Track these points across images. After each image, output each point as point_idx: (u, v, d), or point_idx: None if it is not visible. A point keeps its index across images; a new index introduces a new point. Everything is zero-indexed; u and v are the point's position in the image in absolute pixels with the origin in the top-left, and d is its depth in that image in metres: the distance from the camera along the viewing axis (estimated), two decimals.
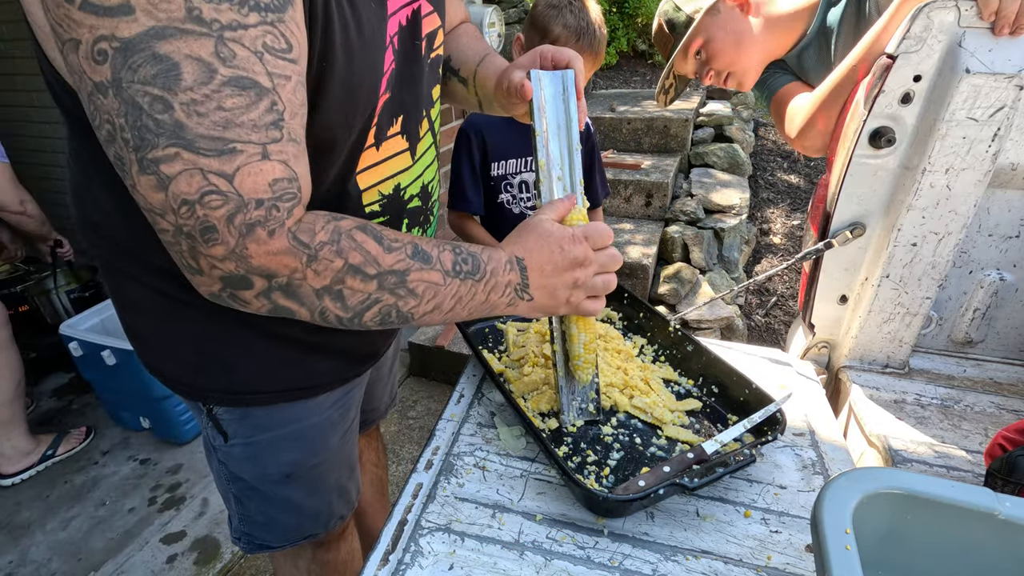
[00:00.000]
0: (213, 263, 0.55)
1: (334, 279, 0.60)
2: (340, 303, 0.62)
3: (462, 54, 0.96)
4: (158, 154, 0.50)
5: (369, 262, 0.61)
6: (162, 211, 0.52)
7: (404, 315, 0.66)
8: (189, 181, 0.51)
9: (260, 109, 0.52)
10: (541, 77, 0.80)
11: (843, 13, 1.11)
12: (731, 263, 3.35)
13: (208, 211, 0.52)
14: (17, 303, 2.49)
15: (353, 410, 0.99)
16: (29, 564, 1.82)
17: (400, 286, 0.63)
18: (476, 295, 0.69)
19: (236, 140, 0.51)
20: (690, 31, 1.23)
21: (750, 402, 0.89)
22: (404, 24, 0.73)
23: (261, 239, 0.54)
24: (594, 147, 1.64)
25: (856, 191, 1.05)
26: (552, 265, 0.73)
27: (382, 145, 0.75)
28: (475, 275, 0.68)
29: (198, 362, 0.80)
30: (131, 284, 0.77)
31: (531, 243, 0.74)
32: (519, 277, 0.72)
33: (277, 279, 0.58)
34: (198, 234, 0.53)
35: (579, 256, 0.74)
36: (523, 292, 0.73)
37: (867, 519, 0.53)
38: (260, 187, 0.53)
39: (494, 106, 0.92)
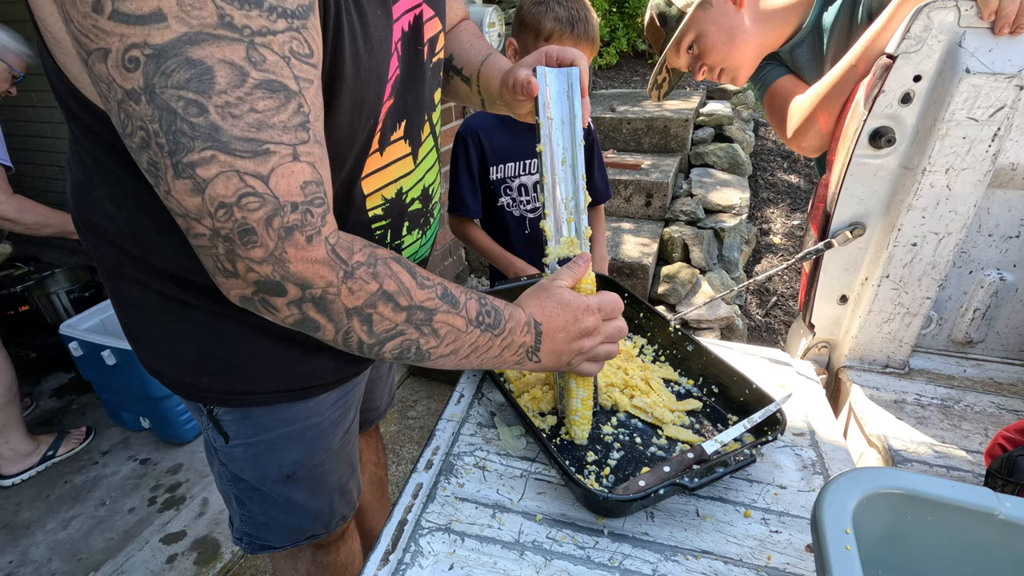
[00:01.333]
0: (250, 266, 0.55)
1: (367, 302, 0.61)
2: (367, 328, 0.62)
3: (465, 53, 0.96)
4: (194, 157, 0.50)
5: (402, 293, 0.63)
6: (198, 216, 0.52)
7: (422, 353, 0.67)
8: (226, 184, 0.51)
9: (289, 111, 0.53)
10: (547, 74, 0.82)
11: (837, 14, 1.11)
12: (731, 263, 3.35)
13: (246, 213, 0.52)
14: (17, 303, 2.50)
15: (353, 409, 0.99)
16: (29, 564, 1.82)
17: (426, 324, 0.65)
18: (491, 349, 0.71)
19: (269, 141, 0.52)
20: (682, 25, 1.21)
21: (750, 402, 0.89)
22: (407, 30, 0.74)
23: (300, 244, 0.55)
24: (594, 144, 1.63)
25: (856, 191, 1.05)
26: (565, 333, 0.76)
27: (386, 150, 0.76)
28: (495, 329, 0.71)
29: (198, 362, 0.80)
30: (131, 286, 0.77)
31: (549, 309, 0.76)
32: (533, 340, 0.75)
33: (312, 290, 0.58)
34: (237, 236, 0.53)
35: (590, 327, 0.78)
36: (533, 355, 0.76)
37: (867, 519, 0.53)
38: (293, 190, 0.54)
39: (497, 105, 0.93)
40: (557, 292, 0.79)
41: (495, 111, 0.98)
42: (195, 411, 0.88)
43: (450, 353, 0.69)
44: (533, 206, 1.58)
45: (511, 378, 1.00)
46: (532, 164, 1.54)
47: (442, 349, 0.68)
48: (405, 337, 0.65)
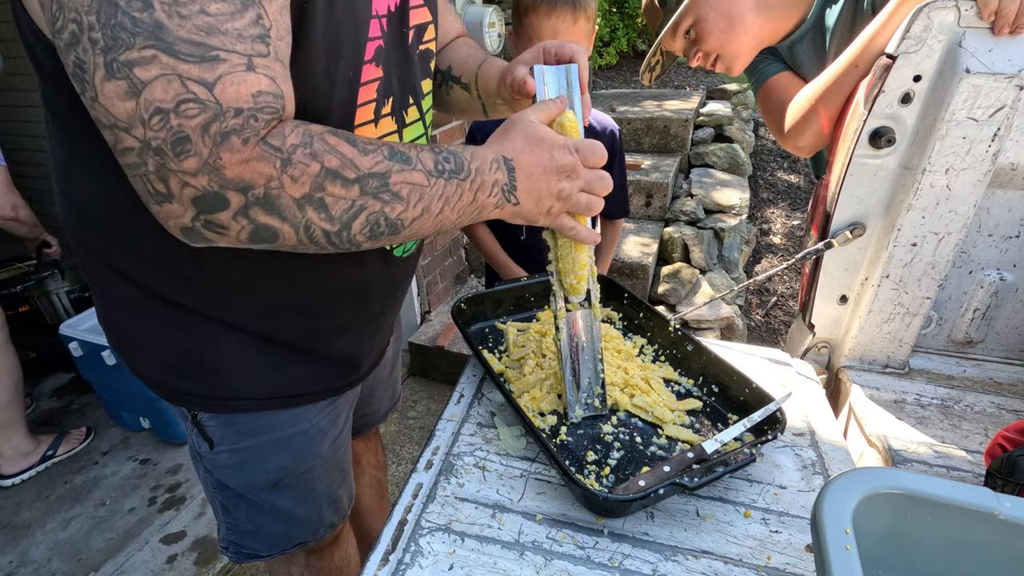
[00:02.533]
0: (185, 180, 0.50)
1: (313, 185, 0.55)
2: (324, 213, 0.57)
3: (462, 61, 0.96)
4: (133, 55, 0.45)
5: (347, 165, 0.57)
6: (128, 124, 0.48)
7: (394, 223, 0.61)
8: (166, 87, 0.46)
9: (246, 19, 0.49)
10: (544, 72, 0.80)
11: (840, 12, 1.10)
12: (731, 263, 3.35)
13: (183, 120, 0.47)
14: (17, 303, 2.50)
15: (344, 416, 0.97)
16: (29, 564, 1.82)
17: (383, 190, 0.59)
18: (463, 195, 0.65)
19: (219, 48, 0.48)
20: (681, 8, 1.18)
21: (750, 401, 0.89)
22: (393, 10, 0.73)
23: (235, 147, 0.50)
24: (617, 155, 1.54)
25: (856, 191, 1.05)
26: (541, 168, 0.70)
27: (379, 123, 0.75)
28: (459, 174, 0.65)
29: (181, 367, 0.79)
30: (115, 280, 0.75)
31: (519, 143, 0.70)
32: (506, 177, 0.68)
33: (254, 191, 0.53)
34: (169, 147, 0.48)
35: (568, 165, 0.71)
36: (510, 194, 0.69)
37: (867, 519, 0.53)
38: (242, 97, 0.50)
39: (497, 105, 0.92)
40: (528, 125, 0.72)
41: (496, 115, 0.96)
42: (181, 416, 0.87)
43: (422, 213, 0.63)
44: None
45: (511, 378, 1.00)
46: None
47: (411, 211, 0.62)
48: (368, 211, 0.59)
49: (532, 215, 0.73)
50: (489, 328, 1.16)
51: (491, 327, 1.16)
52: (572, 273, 0.84)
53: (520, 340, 1.08)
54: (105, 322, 0.82)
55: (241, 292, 0.75)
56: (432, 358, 2.74)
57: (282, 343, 0.80)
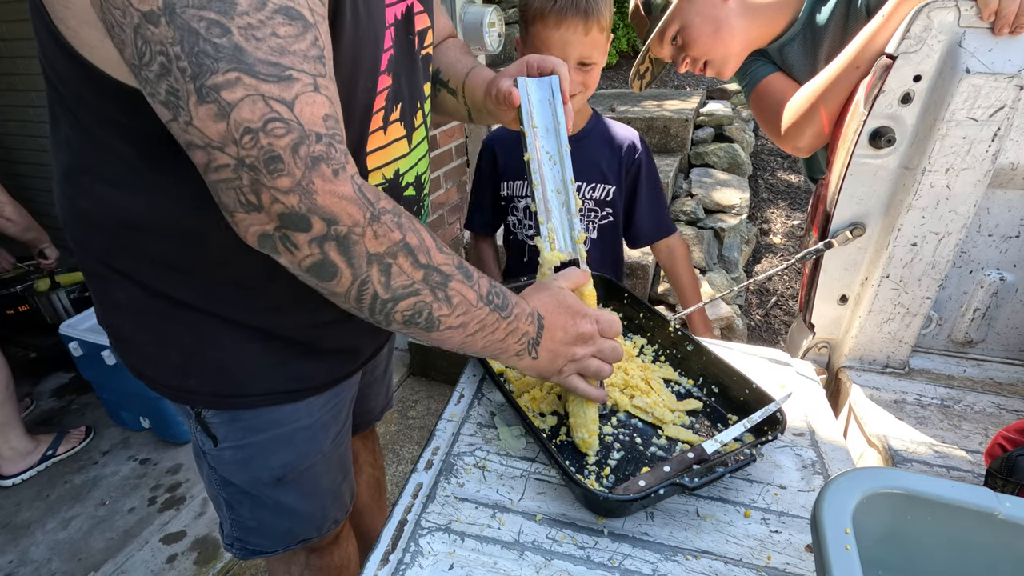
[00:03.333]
0: (276, 196, 0.53)
1: (388, 250, 0.59)
2: (385, 279, 0.60)
3: (451, 66, 0.98)
4: (218, 80, 0.48)
5: (423, 250, 0.61)
6: (222, 143, 0.51)
7: (432, 320, 0.65)
8: (252, 108, 0.50)
9: (307, 41, 0.52)
10: (528, 84, 0.83)
11: (832, 12, 1.09)
12: (731, 263, 3.35)
13: (272, 139, 0.50)
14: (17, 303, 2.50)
15: (345, 412, 0.98)
16: (29, 564, 1.82)
17: (441, 288, 0.63)
18: (497, 331, 0.70)
19: (292, 68, 0.51)
20: (666, 15, 1.18)
21: (750, 402, 0.88)
22: (399, 18, 0.75)
23: (326, 176, 0.53)
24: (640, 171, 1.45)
25: (856, 191, 1.05)
26: (563, 332, 0.76)
27: (388, 129, 0.77)
28: (503, 311, 0.70)
29: (185, 365, 0.79)
30: (116, 281, 0.75)
31: (551, 306, 0.77)
32: (535, 332, 0.74)
33: (337, 227, 0.56)
34: (262, 165, 0.51)
35: (587, 333, 0.77)
36: (533, 348, 0.75)
37: (867, 519, 0.53)
38: (316, 119, 0.53)
39: (483, 114, 0.94)
40: (559, 292, 0.79)
41: (482, 123, 0.98)
42: (183, 413, 0.87)
43: (459, 326, 0.66)
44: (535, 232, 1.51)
45: (511, 378, 1.00)
46: None
47: (452, 320, 0.65)
48: (419, 298, 0.62)
49: (545, 372, 0.79)
50: None
51: None
52: (583, 428, 0.85)
53: None
54: (106, 323, 0.83)
55: (247, 291, 0.75)
56: (432, 358, 2.74)
57: (286, 339, 0.81)
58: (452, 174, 2.97)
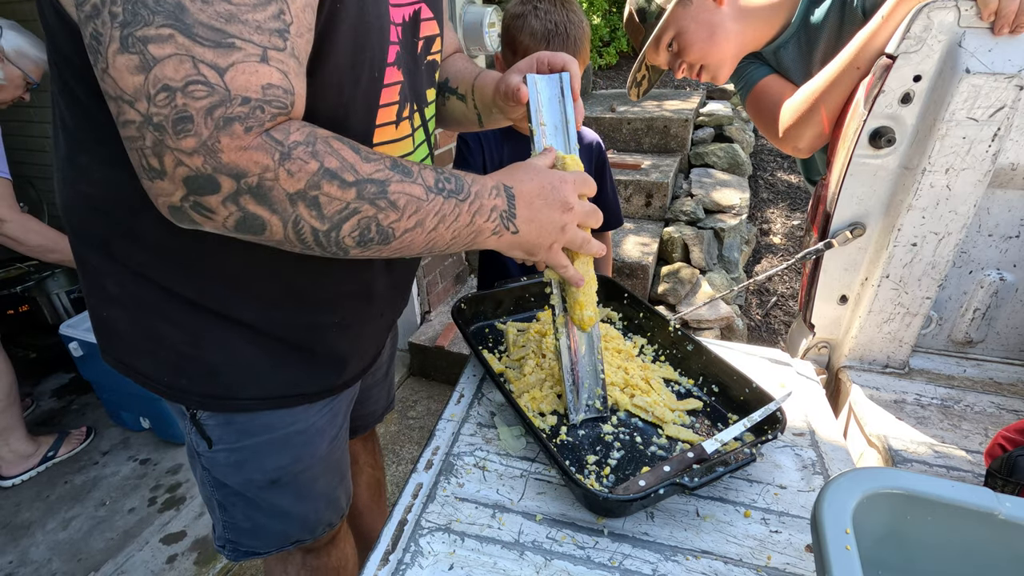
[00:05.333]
0: (179, 158, 0.50)
1: (309, 183, 0.55)
2: (316, 211, 0.57)
3: (459, 74, 0.98)
4: (149, 32, 0.47)
5: (347, 168, 0.58)
6: (134, 97, 0.49)
7: (385, 231, 0.61)
8: (177, 66, 0.47)
9: (267, 13, 0.51)
10: (537, 81, 0.83)
11: (826, 15, 1.10)
12: (731, 263, 3.35)
13: (188, 100, 0.48)
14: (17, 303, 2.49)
15: (342, 416, 0.97)
16: (29, 564, 1.82)
17: (380, 196, 0.59)
18: (460, 215, 0.66)
19: (236, 36, 0.49)
20: (661, 22, 1.19)
21: (750, 401, 0.89)
22: (406, 20, 0.75)
23: (236, 133, 0.51)
24: (604, 164, 1.52)
25: (856, 191, 1.05)
26: (542, 200, 0.72)
27: (400, 125, 0.77)
28: (459, 194, 0.66)
29: (178, 364, 0.78)
30: (112, 273, 0.75)
31: (520, 175, 0.73)
32: (505, 203, 0.70)
33: (246, 179, 0.53)
34: (170, 125, 0.49)
35: (569, 199, 0.74)
36: (509, 221, 0.70)
37: (867, 519, 0.53)
38: (251, 86, 0.51)
39: (493, 114, 0.94)
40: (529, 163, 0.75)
41: (492, 125, 0.98)
42: (178, 414, 0.87)
43: (415, 226, 0.63)
44: None
45: (511, 378, 1.00)
46: None
47: (405, 222, 0.62)
48: (361, 215, 0.59)
49: (533, 246, 0.74)
50: (489, 328, 1.16)
51: (491, 327, 1.16)
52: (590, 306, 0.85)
53: (520, 340, 1.08)
54: (98, 317, 0.81)
55: (244, 284, 0.75)
56: (432, 358, 2.74)
57: (281, 339, 0.80)
58: None
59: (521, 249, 0.75)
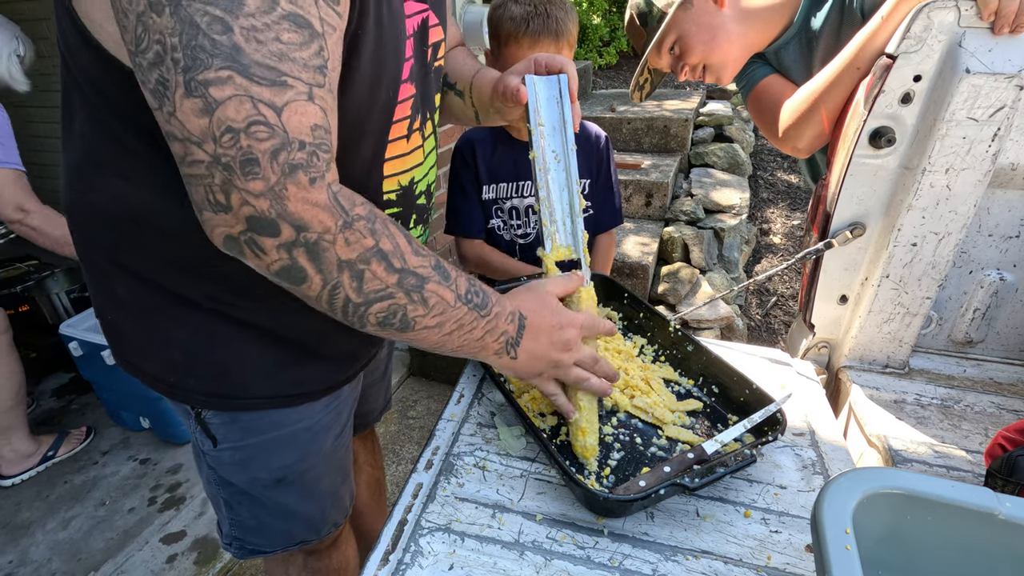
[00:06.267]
0: (246, 199, 0.52)
1: (361, 256, 0.58)
2: (357, 284, 0.59)
3: (458, 69, 0.99)
4: (210, 76, 0.48)
5: (397, 255, 0.61)
6: (201, 139, 0.50)
7: (407, 321, 0.64)
8: (238, 108, 0.49)
9: (311, 50, 0.52)
10: (536, 82, 0.83)
11: (826, 17, 1.10)
12: (731, 263, 3.35)
13: (253, 142, 0.50)
14: (17, 303, 2.49)
15: (346, 414, 0.98)
16: (29, 564, 1.82)
17: (416, 290, 0.63)
18: (475, 330, 0.70)
19: (288, 74, 0.51)
20: (663, 26, 1.19)
21: (750, 402, 0.88)
22: (416, 29, 0.76)
23: (302, 183, 0.53)
24: (609, 161, 1.51)
25: (856, 191, 1.05)
26: (547, 337, 0.76)
27: (411, 138, 0.78)
28: (481, 310, 0.69)
29: (185, 364, 0.79)
30: (121, 278, 0.75)
31: (534, 307, 0.76)
32: (515, 332, 0.73)
33: (307, 233, 0.55)
34: (238, 165, 0.51)
35: (571, 342, 0.77)
36: (512, 348, 0.74)
37: (867, 519, 0.53)
38: (304, 128, 0.52)
39: (490, 113, 0.94)
40: (546, 296, 0.79)
41: (488, 123, 0.99)
42: (183, 413, 0.87)
43: (435, 326, 0.66)
44: (524, 231, 1.49)
45: (511, 378, 1.00)
46: (526, 187, 1.45)
47: (428, 320, 0.65)
48: (393, 301, 0.62)
49: (524, 374, 0.79)
50: None
51: None
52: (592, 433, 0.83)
53: None
54: (105, 319, 0.82)
55: (252, 289, 0.75)
56: (432, 358, 2.74)
57: (288, 339, 0.81)
58: None
59: (513, 372, 0.79)
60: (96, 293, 0.81)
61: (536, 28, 1.24)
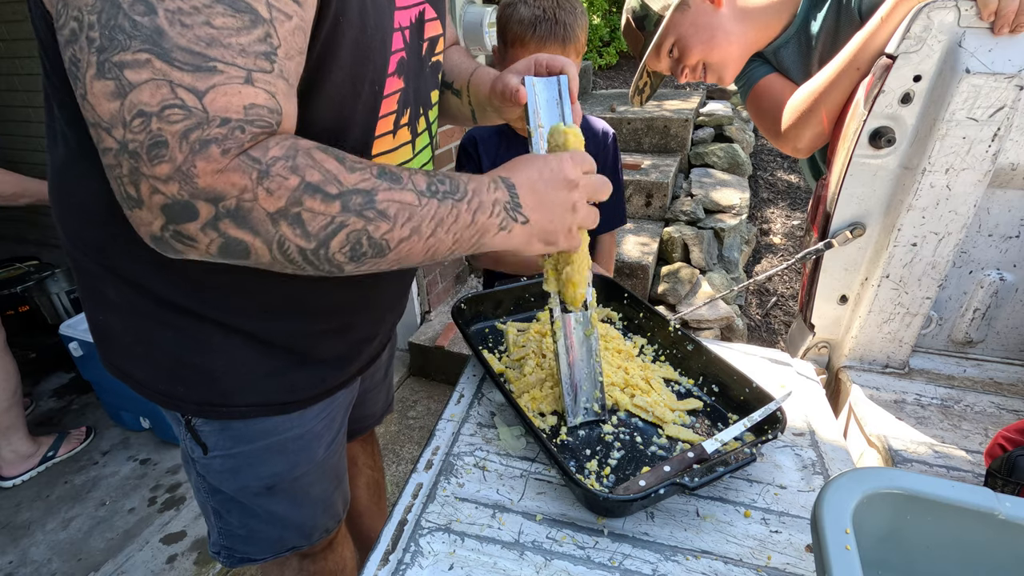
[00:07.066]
0: (155, 186, 0.48)
1: (290, 200, 0.52)
2: (300, 229, 0.54)
3: (455, 68, 0.98)
4: (126, 57, 0.45)
5: (329, 180, 0.54)
6: (110, 124, 0.47)
7: (377, 243, 0.58)
8: (153, 91, 0.46)
9: (252, 36, 0.49)
10: (535, 83, 0.82)
11: (823, 19, 1.10)
12: (731, 263, 3.35)
13: (164, 125, 0.47)
14: (17, 303, 2.49)
15: (339, 420, 0.97)
16: (29, 564, 1.82)
17: (368, 207, 0.56)
18: (460, 216, 0.62)
19: (218, 60, 0.48)
20: (661, 29, 1.19)
21: (750, 401, 0.89)
22: (412, 22, 0.74)
23: (213, 156, 0.48)
24: (614, 160, 1.49)
25: (856, 191, 1.05)
26: (543, 182, 0.68)
27: (397, 134, 0.76)
28: (455, 195, 0.62)
29: (175, 371, 0.78)
30: (110, 281, 0.74)
31: (515, 165, 0.69)
32: (507, 194, 0.66)
33: (224, 202, 0.50)
34: (144, 151, 0.47)
35: (571, 175, 0.69)
36: (515, 212, 0.66)
37: (867, 519, 0.53)
38: (233, 107, 0.49)
39: (488, 112, 0.93)
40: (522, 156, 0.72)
41: (486, 122, 0.97)
42: (173, 420, 0.86)
43: (411, 234, 0.59)
44: None
45: (511, 378, 1.00)
46: None
47: (399, 231, 0.58)
48: (349, 229, 0.55)
49: (549, 233, 0.70)
50: (489, 328, 1.16)
51: (491, 327, 1.16)
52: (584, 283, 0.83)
53: (520, 340, 1.08)
54: (94, 322, 0.81)
55: (241, 294, 0.74)
56: (432, 358, 2.74)
57: (280, 346, 0.80)
58: None
59: (539, 239, 0.70)
60: (86, 296, 0.79)
61: (543, 33, 1.21)
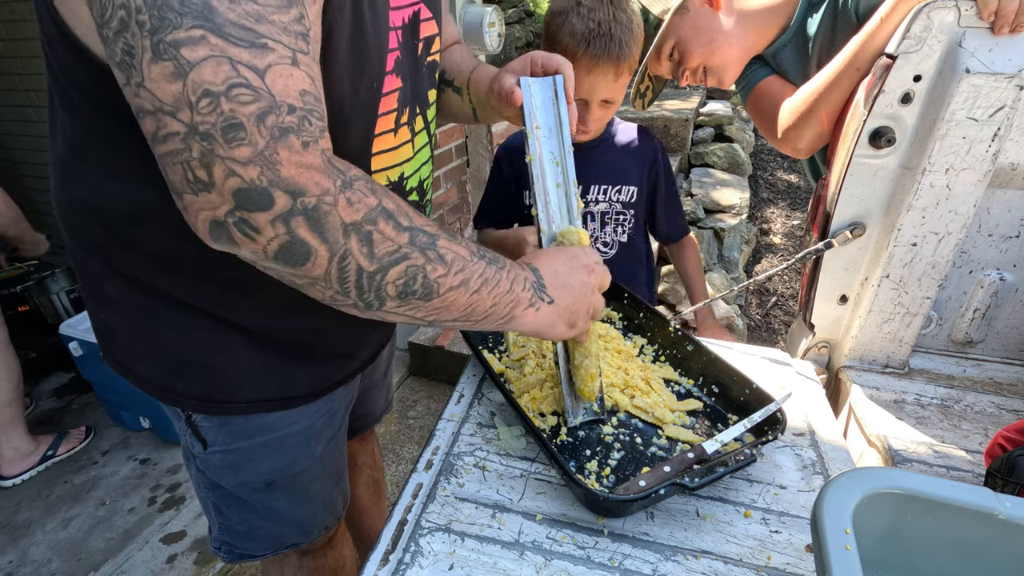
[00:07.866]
0: (232, 169, 0.47)
1: (366, 217, 0.53)
2: (367, 248, 0.53)
3: (455, 66, 0.98)
4: (180, 35, 0.44)
5: (401, 213, 0.56)
6: (175, 107, 0.45)
7: (429, 284, 0.58)
8: (215, 69, 0.44)
9: (292, 15, 0.48)
10: (531, 84, 0.82)
11: (820, 21, 1.10)
12: (731, 263, 3.35)
13: (236, 105, 0.45)
14: (17, 303, 2.49)
15: (340, 417, 0.97)
16: (29, 564, 1.82)
17: (430, 247, 0.58)
18: (500, 281, 0.65)
19: (268, 36, 0.46)
20: (660, 33, 1.19)
21: (750, 402, 0.89)
22: (406, 22, 0.75)
23: (294, 147, 0.48)
24: (664, 174, 1.45)
25: (856, 191, 1.05)
26: (564, 267, 0.73)
27: (398, 132, 0.77)
28: (497, 262, 0.66)
29: (175, 367, 0.78)
30: (111, 277, 0.74)
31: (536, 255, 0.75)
32: (533, 275, 0.70)
33: (304, 199, 0.49)
34: (219, 133, 0.45)
35: (586, 260, 0.75)
36: (542, 292, 0.70)
37: (867, 519, 0.53)
38: (291, 92, 0.48)
39: (487, 111, 0.93)
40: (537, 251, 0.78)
41: (487, 121, 0.97)
42: (173, 416, 0.86)
43: (460, 284, 0.60)
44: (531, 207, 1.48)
45: (511, 378, 1.00)
46: None
47: (451, 278, 0.59)
48: (410, 262, 0.56)
49: (572, 313, 0.73)
50: None
51: None
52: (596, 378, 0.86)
53: (520, 340, 1.08)
54: (96, 318, 0.81)
55: (243, 291, 0.75)
56: (432, 358, 2.74)
57: (280, 342, 0.80)
58: (452, 174, 2.97)
59: (563, 320, 0.73)
60: (88, 293, 0.80)
61: (596, 51, 1.13)
